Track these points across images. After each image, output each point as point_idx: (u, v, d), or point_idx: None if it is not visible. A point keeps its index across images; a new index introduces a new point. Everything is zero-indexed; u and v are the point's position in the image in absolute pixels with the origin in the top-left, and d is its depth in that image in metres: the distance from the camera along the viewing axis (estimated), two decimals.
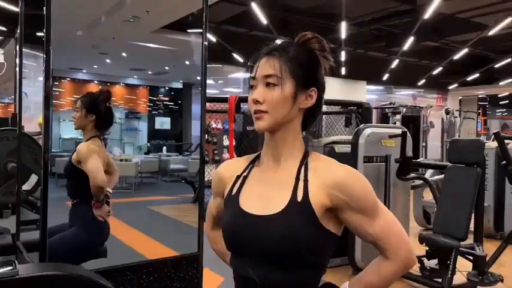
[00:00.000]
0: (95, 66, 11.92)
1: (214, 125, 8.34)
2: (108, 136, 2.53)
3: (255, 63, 0.97)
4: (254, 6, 7.65)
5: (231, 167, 1.06)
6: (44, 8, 1.55)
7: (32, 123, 5.87)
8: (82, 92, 11.90)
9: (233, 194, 1.00)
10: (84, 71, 12.56)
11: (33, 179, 3.04)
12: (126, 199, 7.26)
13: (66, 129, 12.09)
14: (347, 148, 3.83)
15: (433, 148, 11.44)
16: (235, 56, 10.37)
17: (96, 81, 12.98)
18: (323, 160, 0.97)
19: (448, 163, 3.45)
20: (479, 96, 17.68)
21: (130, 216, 5.42)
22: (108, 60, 10.76)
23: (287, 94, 0.93)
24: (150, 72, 12.85)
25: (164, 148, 12.68)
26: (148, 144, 14.06)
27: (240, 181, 1.00)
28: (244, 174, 1.01)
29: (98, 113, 2.38)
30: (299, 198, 0.91)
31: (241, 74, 11.98)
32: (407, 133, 3.64)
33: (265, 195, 0.95)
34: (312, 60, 0.96)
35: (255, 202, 0.95)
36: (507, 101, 22.28)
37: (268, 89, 0.93)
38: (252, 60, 0.98)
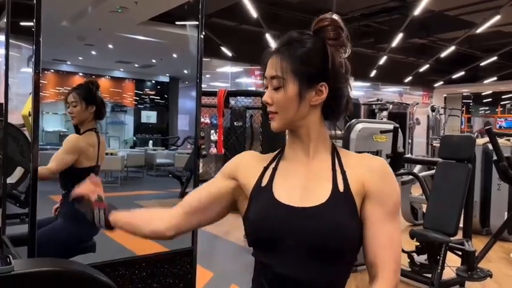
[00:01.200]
0: (80, 58, 11.70)
1: (202, 119, 8.28)
2: None
3: (266, 60, 0.95)
4: None
5: (256, 157, 1.02)
6: None
7: (14, 115, 5.73)
8: (66, 84, 11.78)
9: (263, 185, 0.95)
10: (69, 62, 12.32)
11: (18, 172, 2.95)
12: (112, 193, 7.16)
13: (50, 122, 11.87)
14: (338, 143, 3.82)
15: (419, 145, 11.58)
16: (224, 49, 10.29)
17: (81, 74, 12.75)
18: (354, 154, 0.98)
19: (438, 159, 3.46)
20: (464, 94, 17.93)
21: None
22: (93, 52, 10.57)
23: (291, 95, 0.91)
24: (136, 65, 12.68)
25: (150, 142, 12.56)
26: (134, 138, 13.91)
27: (269, 173, 0.96)
28: (272, 166, 0.97)
29: (97, 103, 2.34)
30: (341, 189, 0.90)
31: (229, 68, 11.91)
32: (399, 129, 3.65)
33: (302, 187, 0.92)
34: (318, 53, 0.91)
35: (293, 194, 0.91)
36: (490, 99, 22.69)
37: (274, 90, 0.93)
38: (263, 56, 0.96)
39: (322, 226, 0.86)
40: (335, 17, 0.94)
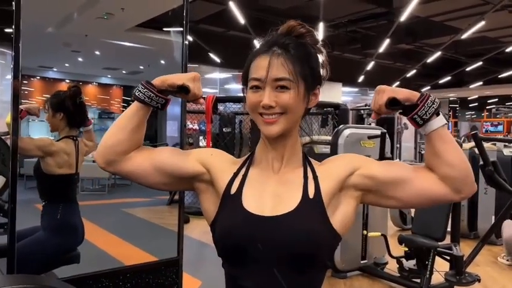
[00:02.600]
0: (66, 65, 11.59)
1: (190, 126, 8.24)
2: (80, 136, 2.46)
3: (253, 60, 0.91)
4: (232, 6, 7.59)
5: (230, 160, 0.99)
6: (13, 2, 1.48)
7: None
8: (52, 91, 11.57)
9: (233, 193, 0.92)
10: (55, 69, 12.19)
11: (0, 181, 2.90)
12: (99, 201, 7.07)
13: (36, 130, 11.66)
14: (326, 149, 3.82)
15: (407, 149, 11.66)
16: (212, 55, 10.28)
17: (67, 80, 12.59)
18: (323, 161, 0.97)
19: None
20: (450, 98, 18.15)
21: (104, 219, 5.27)
22: (80, 59, 10.47)
23: (301, 96, 0.89)
24: (124, 72, 12.60)
25: None
26: None
27: (238, 180, 0.93)
28: (242, 173, 0.95)
29: (65, 111, 2.31)
30: (311, 195, 0.89)
31: (217, 74, 11.90)
32: (386, 134, 3.66)
33: (273, 196, 0.90)
34: (314, 56, 0.93)
35: (263, 203, 0.89)
36: (476, 104, 23.01)
37: (279, 92, 0.88)
38: (250, 58, 0.92)
39: (291, 233, 0.85)
40: (305, 25, 0.95)
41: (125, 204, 7.13)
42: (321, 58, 0.95)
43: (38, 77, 12.12)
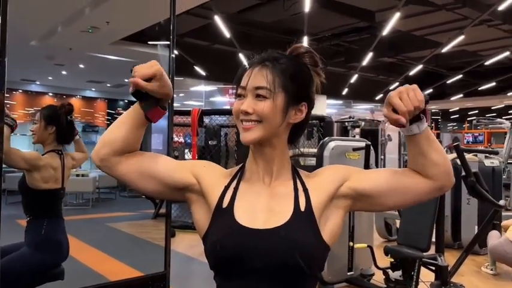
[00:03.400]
0: (49, 78, 11.47)
1: (176, 139, 8.20)
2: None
3: (243, 72, 0.94)
4: (217, 20, 7.65)
5: (220, 171, 1.00)
6: None
7: None
8: (35, 104, 11.49)
9: (225, 207, 0.93)
10: (38, 82, 12.05)
11: None
12: (83, 216, 6.96)
13: (18, 143, 11.39)
14: (312, 161, 3.84)
15: (391, 161, 11.79)
16: (197, 69, 10.31)
17: (50, 94, 12.48)
18: (311, 174, 0.99)
19: None
20: (433, 110, 18.47)
21: (88, 234, 5.19)
22: (64, 72, 10.38)
23: (279, 106, 0.91)
24: (108, 85, 12.52)
25: None
26: None
27: (230, 193, 0.94)
28: (233, 186, 0.96)
29: (58, 125, 2.28)
30: (302, 208, 0.91)
31: (203, 87, 11.91)
32: (371, 146, 3.70)
33: (265, 209, 0.91)
34: (304, 74, 0.95)
35: (255, 216, 0.90)
36: (457, 116, 23.46)
37: (258, 101, 0.91)
38: (241, 70, 0.95)
39: (284, 245, 0.86)
40: (309, 48, 0.97)
41: (110, 219, 7.03)
42: (316, 81, 0.97)
43: (21, 91, 11.97)
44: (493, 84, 14.83)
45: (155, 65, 0.90)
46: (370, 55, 10.33)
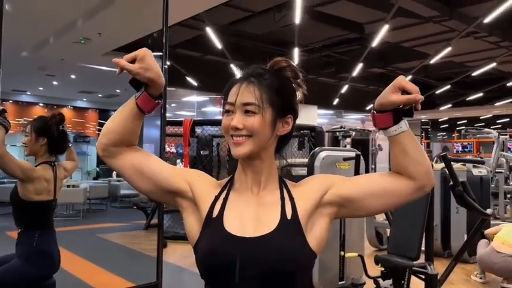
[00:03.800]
0: (40, 89, 11.42)
1: (167, 149, 8.20)
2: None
3: (231, 88, 0.98)
4: (209, 31, 7.71)
5: (212, 182, 1.03)
6: None
7: None
8: (26, 115, 11.42)
9: (214, 216, 0.96)
10: (29, 93, 11.99)
11: None
12: (74, 227, 6.90)
13: None
14: (303, 171, 3.88)
15: (381, 170, 11.84)
16: (189, 79, 10.35)
17: (41, 104, 12.42)
18: (297, 183, 1.03)
19: None
20: (422, 120, 18.67)
21: (79, 245, 5.14)
22: (55, 82, 10.36)
23: (267, 120, 0.95)
24: (100, 95, 12.50)
25: (114, 173, 12.25)
26: (98, 169, 13.53)
27: (220, 203, 0.98)
28: (223, 196, 0.99)
29: (49, 136, 2.27)
30: (289, 216, 0.94)
31: (195, 98, 11.94)
32: (361, 156, 3.75)
33: (253, 218, 0.95)
34: (288, 88, 1.00)
35: (244, 225, 0.94)
36: (447, 125, 23.73)
37: (247, 116, 0.94)
38: (228, 85, 0.99)
39: (273, 252, 0.89)
40: (290, 61, 1.02)
41: (101, 230, 6.98)
42: (298, 94, 1.01)
43: (11, 101, 11.89)
44: (481, 94, 15.06)
45: (141, 49, 0.95)
46: (360, 66, 10.45)
